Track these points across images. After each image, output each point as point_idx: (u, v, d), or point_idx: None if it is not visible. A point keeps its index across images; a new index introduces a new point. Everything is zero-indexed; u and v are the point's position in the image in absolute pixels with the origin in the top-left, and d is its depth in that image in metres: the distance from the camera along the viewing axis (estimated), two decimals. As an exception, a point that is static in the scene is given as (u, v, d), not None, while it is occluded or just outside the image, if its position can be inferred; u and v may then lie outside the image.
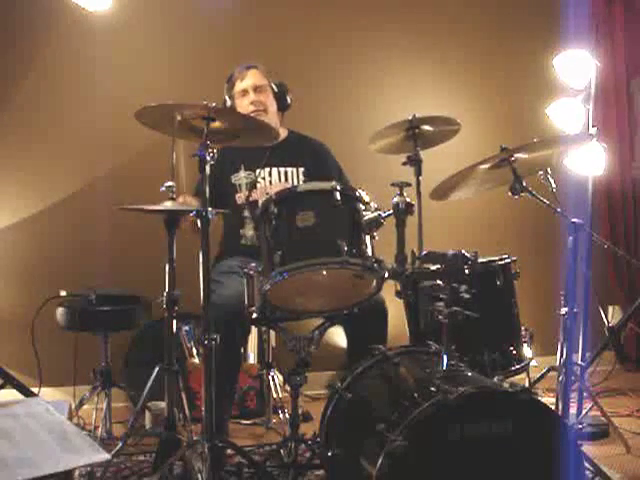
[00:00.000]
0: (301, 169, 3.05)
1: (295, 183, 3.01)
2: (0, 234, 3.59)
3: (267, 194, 2.23)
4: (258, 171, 2.97)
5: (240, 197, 3.01)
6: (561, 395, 2.65)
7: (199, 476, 2.20)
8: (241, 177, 3.03)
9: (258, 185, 2.99)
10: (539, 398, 1.95)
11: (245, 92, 3.03)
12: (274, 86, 3.08)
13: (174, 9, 3.76)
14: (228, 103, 3.05)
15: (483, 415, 1.82)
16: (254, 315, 2.31)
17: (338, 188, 2.16)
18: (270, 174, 3.02)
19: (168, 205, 2.42)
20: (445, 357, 2.05)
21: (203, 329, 2.20)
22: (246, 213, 2.96)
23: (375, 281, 2.20)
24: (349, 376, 2.25)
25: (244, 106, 3.01)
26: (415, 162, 2.63)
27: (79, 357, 3.24)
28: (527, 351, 2.58)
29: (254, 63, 3.09)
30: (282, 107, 3.11)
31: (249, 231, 2.95)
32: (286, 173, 3.04)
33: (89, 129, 3.63)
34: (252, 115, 2.94)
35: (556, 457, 1.84)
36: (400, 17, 4.04)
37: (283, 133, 3.11)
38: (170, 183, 2.45)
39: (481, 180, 2.60)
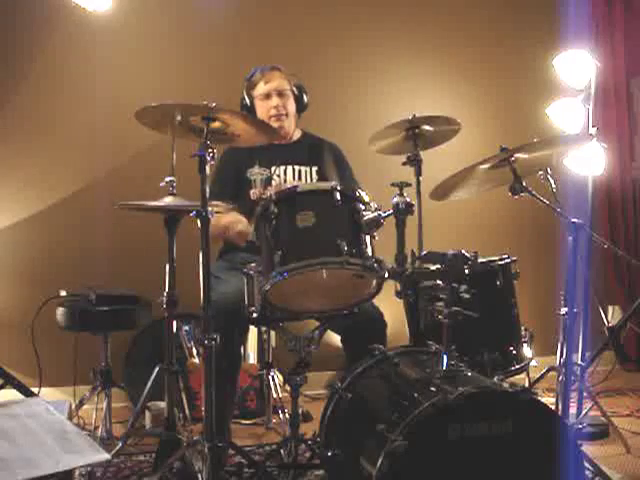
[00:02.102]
0: (314, 168, 3.05)
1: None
2: (0, 234, 3.59)
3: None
4: (273, 168, 2.97)
5: (254, 193, 3.00)
6: (561, 395, 2.65)
7: (199, 476, 2.20)
8: (256, 172, 3.01)
9: (273, 182, 2.98)
10: (539, 398, 1.94)
11: (268, 95, 3.01)
12: (295, 89, 3.07)
13: (174, 9, 3.77)
14: (247, 102, 3.04)
15: (483, 415, 1.82)
16: (254, 315, 2.30)
17: (338, 188, 2.16)
18: (285, 172, 3.02)
19: (168, 201, 2.41)
20: (445, 357, 2.05)
21: (203, 329, 2.20)
22: None
23: (375, 281, 2.20)
24: (349, 376, 2.25)
25: (266, 109, 3.00)
26: (415, 162, 2.63)
27: (79, 357, 3.24)
28: (527, 351, 2.58)
29: (277, 64, 3.07)
30: (300, 109, 3.10)
31: None
32: (300, 172, 3.04)
33: (89, 129, 3.63)
34: (272, 119, 2.97)
35: (556, 457, 1.84)
36: (400, 17, 4.04)
37: (297, 134, 3.13)
38: (170, 177, 2.45)
39: (481, 180, 2.60)
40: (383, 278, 2.18)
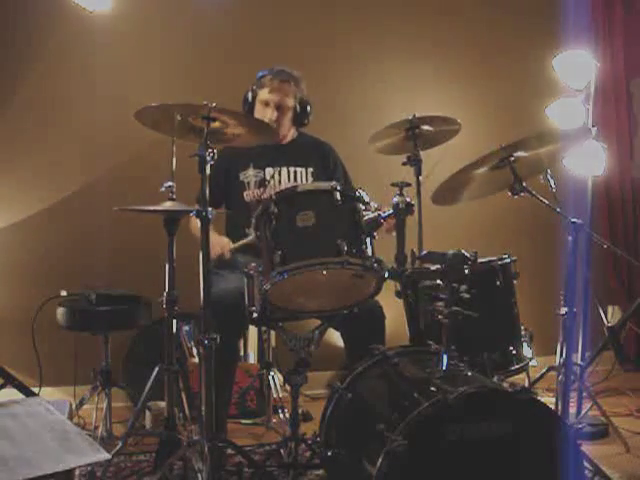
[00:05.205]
0: (310, 169, 3.04)
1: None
2: (0, 234, 3.59)
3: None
4: (268, 170, 2.97)
5: (248, 195, 2.99)
6: (561, 395, 2.66)
7: (199, 476, 2.21)
8: (250, 175, 3.01)
9: (267, 184, 2.97)
10: (539, 398, 1.95)
11: (267, 104, 2.97)
12: (298, 105, 3.02)
13: (174, 9, 3.76)
14: (249, 98, 2.99)
15: (483, 415, 1.82)
16: (254, 315, 2.31)
17: (338, 188, 2.16)
18: (280, 174, 3.01)
19: (167, 205, 2.42)
20: (445, 357, 2.05)
21: (203, 329, 2.20)
22: None
23: (375, 281, 2.20)
24: (349, 376, 2.26)
25: (261, 115, 2.96)
26: (415, 162, 2.63)
27: (79, 357, 3.25)
28: (527, 351, 2.58)
29: (293, 73, 3.01)
30: (298, 123, 3.07)
31: None
32: (295, 173, 3.03)
33: (89, 129, 3.63)
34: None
35: (556, 457, 1.84)
36: (400, 17, 4.04)
37: (292, 134, 3.11)
38: (170, 183, 2.45)
39: (483, 184, 2.59)
40: (383, 278, 2.19)
